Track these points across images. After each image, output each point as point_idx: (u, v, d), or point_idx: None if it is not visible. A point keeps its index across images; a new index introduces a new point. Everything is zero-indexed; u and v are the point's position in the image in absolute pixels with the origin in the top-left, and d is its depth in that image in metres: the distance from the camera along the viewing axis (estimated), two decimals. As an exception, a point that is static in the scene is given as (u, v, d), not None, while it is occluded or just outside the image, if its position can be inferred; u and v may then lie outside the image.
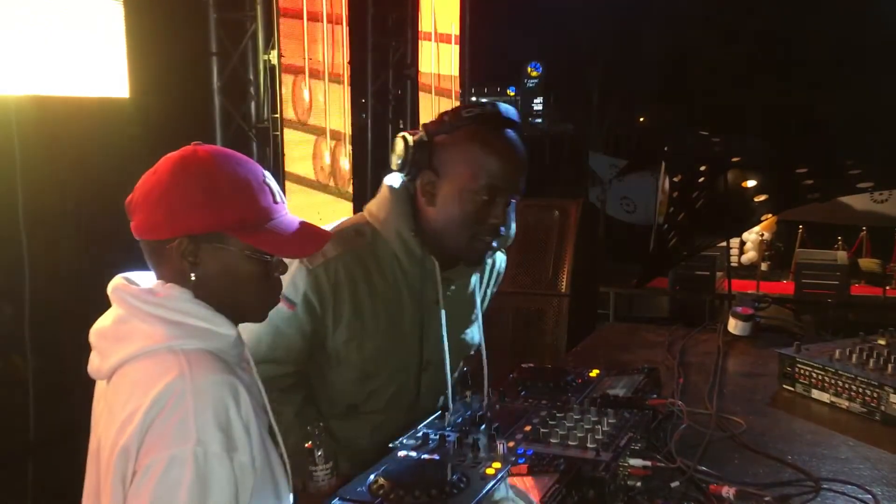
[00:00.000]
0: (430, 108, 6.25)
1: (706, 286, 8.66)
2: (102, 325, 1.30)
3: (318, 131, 4.77)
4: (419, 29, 6.09)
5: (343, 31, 4.80)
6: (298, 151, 4.58)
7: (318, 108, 4.71)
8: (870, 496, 1.51)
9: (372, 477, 1.31)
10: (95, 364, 1.29)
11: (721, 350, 2.51)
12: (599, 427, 1.52)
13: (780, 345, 2.28)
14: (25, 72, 3.06)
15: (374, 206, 1.78)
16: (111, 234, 1.92)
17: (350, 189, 5.07)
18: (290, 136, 4.49)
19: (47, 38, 3.13)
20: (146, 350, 1.22)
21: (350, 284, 1.70)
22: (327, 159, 4.85)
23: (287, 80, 4.43)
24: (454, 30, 6.38)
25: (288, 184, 4.46)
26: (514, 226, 1.75)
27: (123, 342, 1.24)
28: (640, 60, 21.47)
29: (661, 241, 8.08)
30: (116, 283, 1.30)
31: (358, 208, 5.18)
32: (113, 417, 1.21)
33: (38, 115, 3.13)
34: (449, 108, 1.85)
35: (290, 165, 4.49)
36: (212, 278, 1.28)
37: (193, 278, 1.27)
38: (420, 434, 1.49)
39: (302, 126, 4.62)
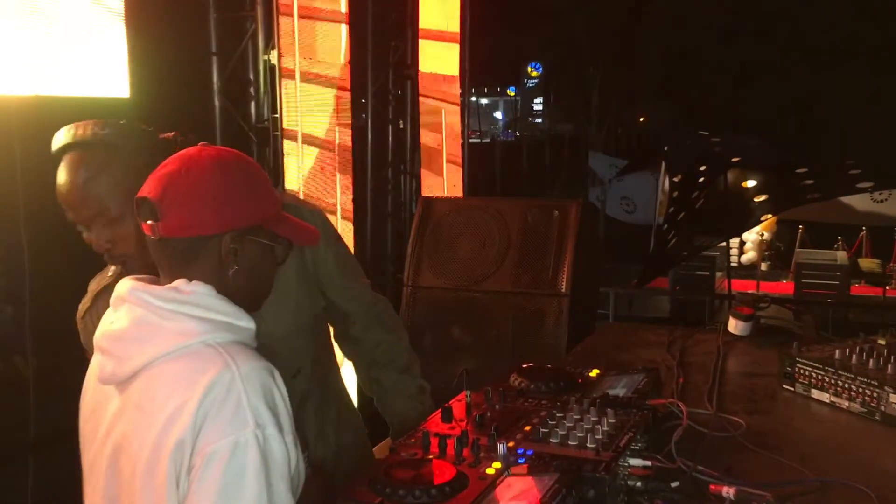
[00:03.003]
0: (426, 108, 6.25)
1: (706, 286, 8.67)
2: (115, 328, 1.29)
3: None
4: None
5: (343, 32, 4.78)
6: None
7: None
8: (870, 496, 1.51)
9: (373, 477, 1.31)
10: (109, 369, 1.28)
11: (721, 350, 2.51)
12: (599, 427, 1.52)
13: (780, 345, 2.28)
14: (25, 72, 3.06)
15: None
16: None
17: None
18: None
19: (47, 38, 3.13)
20: (179, 347, 1.24)
21: None
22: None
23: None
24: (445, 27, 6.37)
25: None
26: (122, 243, 1.61)
27: (149, 342, 1.25)
28: (640, 60, 21.52)
29: (661, 241, 8.08)
30: (132, 285, 1.30)
31: (358, 209, 5.20)
32: (150, 416, 1.22)
33: (38, 115, 3.13)
34: (442, 108, 1.83)
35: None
36: (245, 270, 1.34)
37: (234, 270, 1.32)
38: (421, 434, 1.49)
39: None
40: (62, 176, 1.60)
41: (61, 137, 1.61)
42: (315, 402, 1.97)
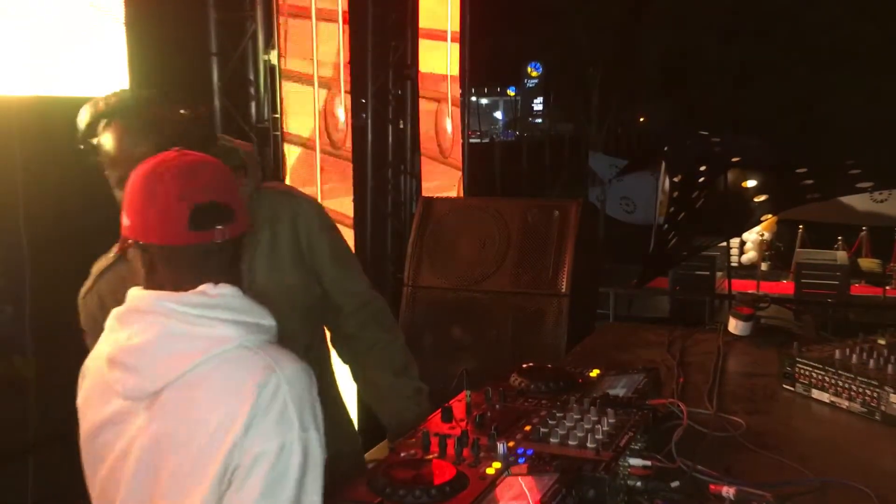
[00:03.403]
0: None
1: (706, 286, 8.67)
2: (137, 342, 1.27)
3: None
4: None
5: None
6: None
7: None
8: (869, 496, 1.51)
9: (372, 477, 1.31)
10: (134, 384, 1.27)
11: (721, 350, 2.51)
12: (599, 427, 1.52)
13: (779, 345, 2.28)
14: (25, 72, 3.06)
15: None
16: (112, 235, 1.92)
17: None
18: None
19: (47, 38, 3.13)
20: (217, 353, 1.24)
21: (114, 301, 1.60)
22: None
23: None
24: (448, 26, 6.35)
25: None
26: None
27: (181, 352, 1.25)
28: (640, 60, 21.54)
29: (660, 241, 8.08)
30: (156, 295, 1.29)
31: (358, 209, 5.20)
32: (197, 423, 1.23)
33: (39, 116, 3.12)
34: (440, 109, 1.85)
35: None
36: None
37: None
38: (421, 434, 1.49)
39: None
40: (113, 139, 1.69)
41: (111, 103, 1.70)
42: None
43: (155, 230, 1.28)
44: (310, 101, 4.47)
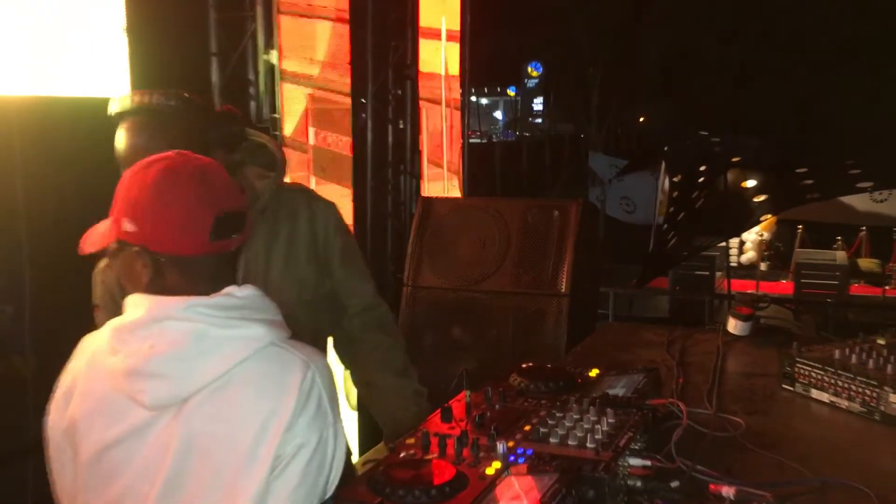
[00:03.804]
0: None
1: (706, 286, 8.67)
2: (163, 349, 1.25)
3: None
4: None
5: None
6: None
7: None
8: (869, 496, 1.51)
9: (372, 477, 1.31)
10: (165, 391, 1.25)
11: (721, 350, 2.51)
12: (599, 427, 1.52)
13: (779, 345, 2.28)
14: (25, 72, 3.06)
15: None
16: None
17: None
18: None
19: (47, 38, 3.13)
20: (252, 352, 1.27)
21: None
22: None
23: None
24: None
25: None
26: None
27: (217, 354, 1.25)
28: (640, 60, 21.53)
29: (660, 241, 8.08)
30: (183, 300, 1.27)
31: (358, 209, 5.20)
32: (239, 422, 1.25)
33: (39, 116, 3.12)
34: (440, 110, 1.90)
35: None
36: None
37: None
38: (420, 434, 1.49)
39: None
40: (126, 139, 1.74)
41: (129, 102, 1.75)
42: None
43: (173, 240, 1.26)
44: (295, 101, 4.48)
